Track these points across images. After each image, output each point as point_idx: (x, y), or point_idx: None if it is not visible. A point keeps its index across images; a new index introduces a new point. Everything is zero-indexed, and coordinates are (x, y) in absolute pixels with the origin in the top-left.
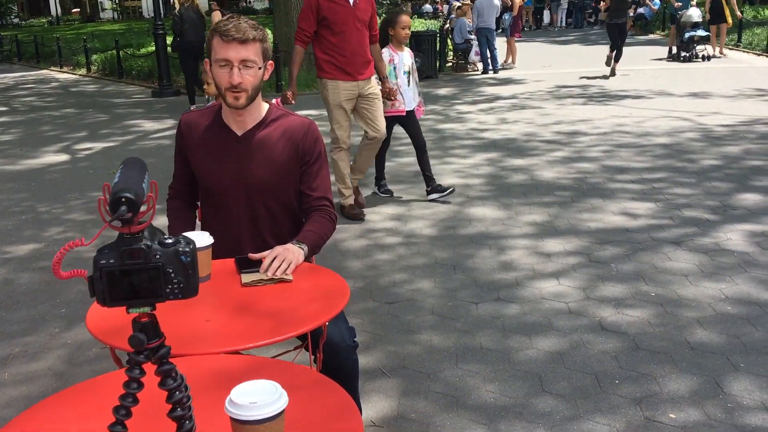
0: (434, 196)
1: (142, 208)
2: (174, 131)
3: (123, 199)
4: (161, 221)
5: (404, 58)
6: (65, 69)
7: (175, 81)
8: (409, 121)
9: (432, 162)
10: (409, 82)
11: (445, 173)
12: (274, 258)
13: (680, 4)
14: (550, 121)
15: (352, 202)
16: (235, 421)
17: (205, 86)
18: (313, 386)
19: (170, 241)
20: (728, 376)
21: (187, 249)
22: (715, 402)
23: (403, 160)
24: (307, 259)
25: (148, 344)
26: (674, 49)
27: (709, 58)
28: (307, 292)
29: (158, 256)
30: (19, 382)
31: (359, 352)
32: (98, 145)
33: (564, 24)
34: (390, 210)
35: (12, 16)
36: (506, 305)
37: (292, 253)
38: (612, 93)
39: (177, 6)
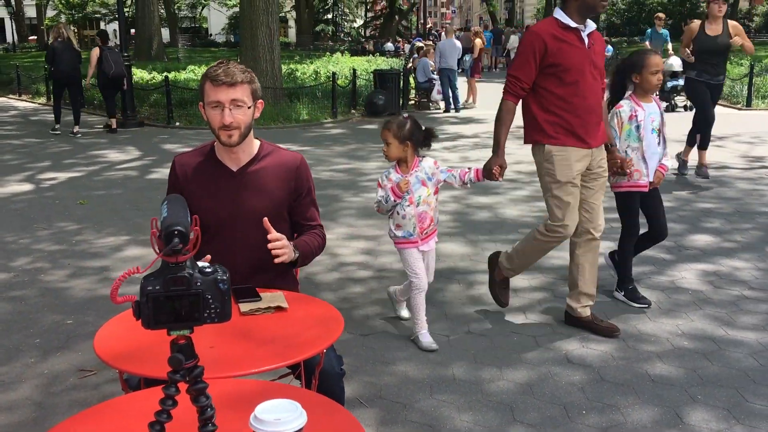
0: (620, 296)
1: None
2: (140, 162)
3: (176, 232)
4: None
5: (652, 112)
6: (24, 97)
7: (138, 112)
8: (650, 197)
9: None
10: (659, 141)
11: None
12: (281, 241)
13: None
14: (511, 160)
15: (593, 318)
16: None
17: (384, 148)
18: (319, 407)
19: (209, 270)
20: (687, 407)
21: (224, 277)
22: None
23: (370, 195)
24: (296, 266)
25: (185, 364)
26: None
27: (691, 107)
28: (303, 320)
29: (199, 284)
30: None
31: None
32: (63, 175)
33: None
34: (360, 245)
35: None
36: (477, 338)
37: (289, 251)
38: None
39: (50, 40)
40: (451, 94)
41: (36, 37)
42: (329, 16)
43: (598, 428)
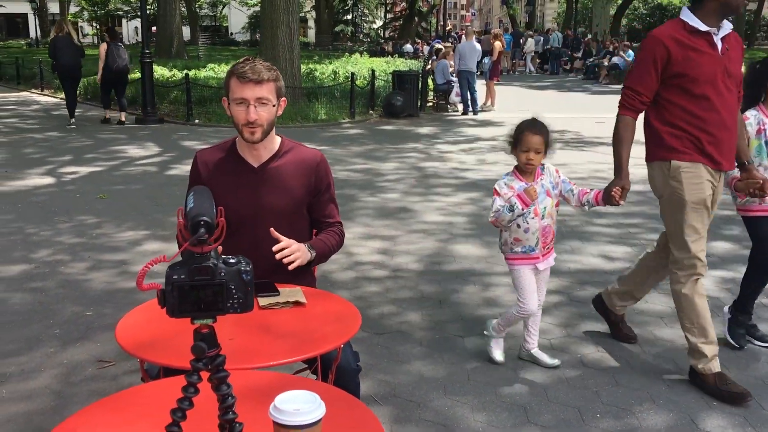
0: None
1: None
2: (160, 158)
3: (202, 223)
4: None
5: None
6: (46, 92)
7: (158, 108)
8: None
9: (415, 199)
10: None
11: (429, 210)
12: (289, 248)
13: None
14: None
15: (719, 369)
16: (279, 426)
17: (530, 157)
18: (337, 402)
19: (233, 260)
20: (702, 413)
21: (248, 268)
22: None
23: (387, 195)
24: (312, 264)
25: (207, 353)
26: None
27: None
28: (321, 315)
29: (223, 274)
30: (17, 399)
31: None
32: (84, 169)
33: (531, 70)
34: (376, 244)
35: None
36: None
37: (303, 254)
38: (588, 139)
39: (52, 34)
40: (469, 97)
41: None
42: (349, 16)
43: (613, 431)
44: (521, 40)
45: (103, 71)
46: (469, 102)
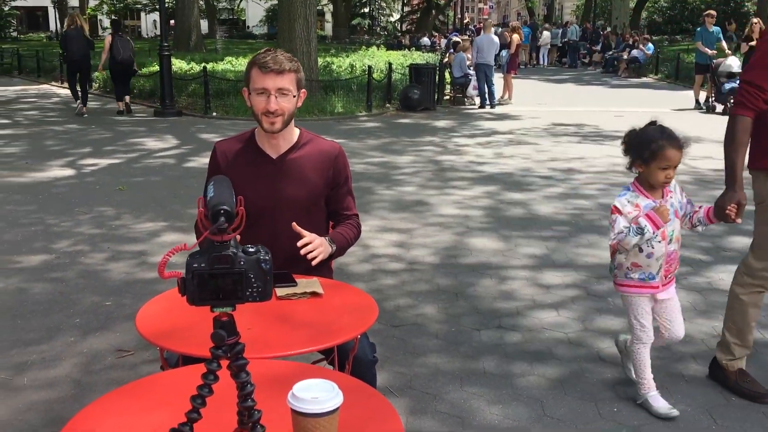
0: None
1: None
2: (178, 150)
3: (222, 212)
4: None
5: None
6: (66, 84)
7: (176, 101)
8: None
9: (432, 192)
10: None
11: (445, 204)
12: (313, 243)
13: (714, 52)
14: (546, 157)
15: (743, 366)
16: (297, 413)
17: (670, 174)
18: (354, 392)
19: (252, 249)
20: (721, 408)
21: (267, 258)
22: None
23: (403, 188)
24: (332, 258)
25: (227, 340)
26: (701, 100)
27: None
28: (338, 306)
29: (242, 263)
30: (38, 387)
31: None
32: (103, 161)
33: (545, 63)
34: (392, 237)
35: (11, 30)
36: (508, 333)
37: (325, 248)
38: (606, 133)
39: (65, 27)
40: (487, 90)
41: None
42: (366, 9)
43: (631, 426)
44: (538, 33)
45: (108, 63)
46: (487, 95)
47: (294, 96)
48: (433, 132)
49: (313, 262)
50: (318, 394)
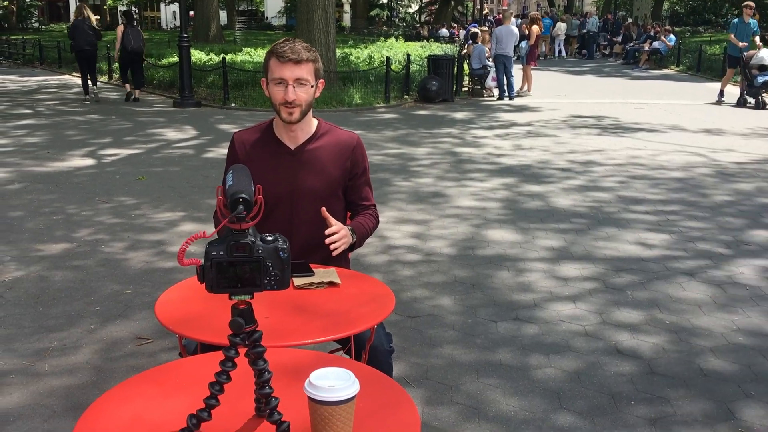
0: None
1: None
2: (197, 141)
3: (240, 200)
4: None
5: None
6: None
7: (195, 92)
8: None
9: (449, 184)
10: None
11: (463, 195)
12: (339, 233)
13: (746, 44)
14: (564, 149)
15: None
16: (314, 401)
17: None
18: (370, 381)
19: (270, 238)
20: (740, 402)
21: (285, 246)
22: (727, 426)
23: (421, 180)
24: (353, 249)
25: (245, 328)
26: (725, 93)
27: None
28: (356, 296)
29: (260, 251)
30: (59, 374)
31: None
32: (123, 152)
33: (563, 55)
34: (410, 228)
35: (32, 21)
36: (525, 325)
37: (347, 240)
38: (626, 125)
39: (72, 18)
40: (506, 82)
41: (99, 17)
42: (384, 0)
43: (646, 419)
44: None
45: (120, 52)
46: (506, 87)
47: (312, 86)
48: (451, 124)
49: (334, 253)
50: (335, 382)
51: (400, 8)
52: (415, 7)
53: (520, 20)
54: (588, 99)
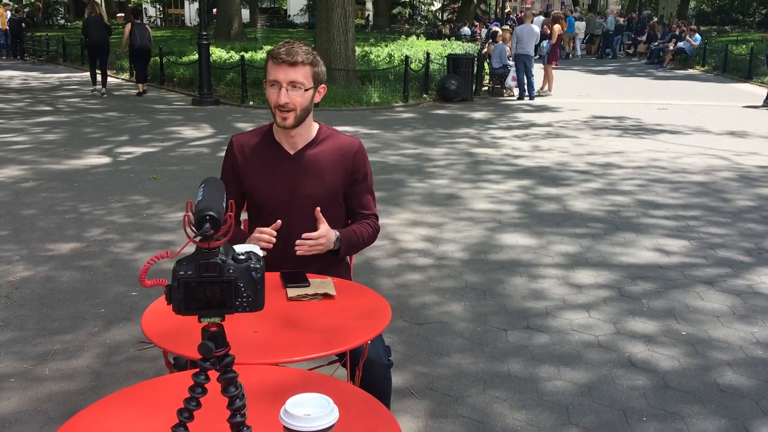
0: None
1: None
2: (213, 140)
3: (207, 217)
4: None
5: None
6: (109, 72)
7: (214, 90)
8: None
9: (464, 186)
10: None
11: (478, 198)
12: (314, 241)
13: None
14: (584, 151)
15: None
16: (289, 431)
17: None
18: (356, 402)
19: (243, 257)
20: (757, 420)
21: (258, 266)
22: None
23: (436, 181)
24: (339, 254)
25: (215, 352)
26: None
27: None
28: (350, 309)
29: (231, 271)
30: (58, 378)
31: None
32: (139, 150)
33: (578, 54)
34: (422, 231)
35: (58, 17)
36: (536, 334)
37: (325, 246)
38: (648, 127)
39: (86, 15)
40: (526, 81)
41: (124, 15)
42: None
43: None
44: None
45: (129, 49)
46: (526, 87)
47: (308, 89)
48: (469, 124)
49: (298, 253)
50: (312, 410)
51: (423, 6)
52: (437, 5)
53: (543, 18)
54: (610, 99)
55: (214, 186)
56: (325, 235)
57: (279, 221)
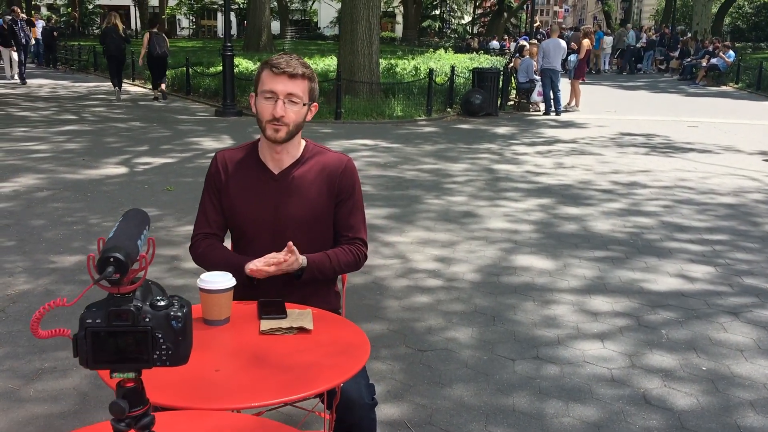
0: None
1: (135, 266)
2: None
3: (111, 259)
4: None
5: None
6: (137, 82)
7: (238, 101)
8: None
9: (482, 204)
10: None
11: (495, 216)
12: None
13: None
14: (608, 169)
15: None
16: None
17: None
18: None
19: (162, 303)
20: None
21: (179, 314)
22: None
23: (453, 198)
24: (302, 279)
25: (130, 412)
26: None
27: None
28: (326, 345)
29: (148, 319)
30: (43, 400)
31: (386, 401)
32: (157, 161)
33: (607, 68)
34: (435, 251)
35: (94, 27)
36: (545, 365)
37: (283, 268)
38: (677, 145)
39: (104, 25)
40: (552, 96)
41: (159, 25)
42: (437, 12)
43: None
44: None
45: (148, 57)
46: (552, 102)
47: (304, 105)
48: (492, 139)
49: (248, 272)
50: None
51: (453, 20)
52: (467, 19)
53: (570, 33)
54: (639, 116)
55: (133, 220)
56: (291, 257)
57: (290, 243)
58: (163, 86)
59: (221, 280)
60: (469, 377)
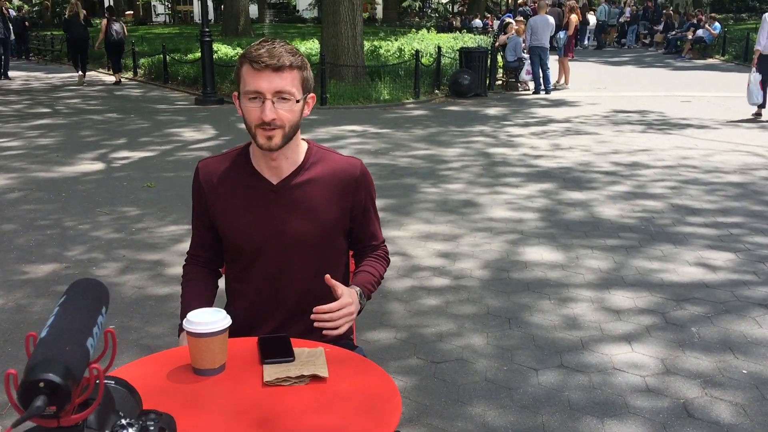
0: None
1: (84, 382)
2: (214, 142)
3: (41, 384)
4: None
5: None
6: (101, 70)
7: (218, 89)
8: None
9: (481, 191)
10: None
11: (496, 205)
12: (336, 313)
13: None
14: (607, 149)
15: None
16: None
17: None
18: None
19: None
20: None
21: None
22: None
23: (450, 186)
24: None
25: None
26: None
27: None
28: (347, 399)
29: None
30: None
31: (401, 426)
32: (136, 154)
33: (586, 45)
34: (437, 245)
35: (66, 15)
36: (572, 374)
37: (351, 316)
38: (673, 121)
39: (66, 14)
40: (541, 74)
41: (132, 12)
42: None
43: None
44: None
45: (105, 43)
46: (541, 80)
47: (299, 101)
48: (483, 120)
49: (331, 333)
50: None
51: None
52: None
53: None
54: (629, 92)
55: (82, 302)
56: (348, 301)
57: (328, 275)
58: (119, 77)
59: (213, 319)
60: (489, 392)
